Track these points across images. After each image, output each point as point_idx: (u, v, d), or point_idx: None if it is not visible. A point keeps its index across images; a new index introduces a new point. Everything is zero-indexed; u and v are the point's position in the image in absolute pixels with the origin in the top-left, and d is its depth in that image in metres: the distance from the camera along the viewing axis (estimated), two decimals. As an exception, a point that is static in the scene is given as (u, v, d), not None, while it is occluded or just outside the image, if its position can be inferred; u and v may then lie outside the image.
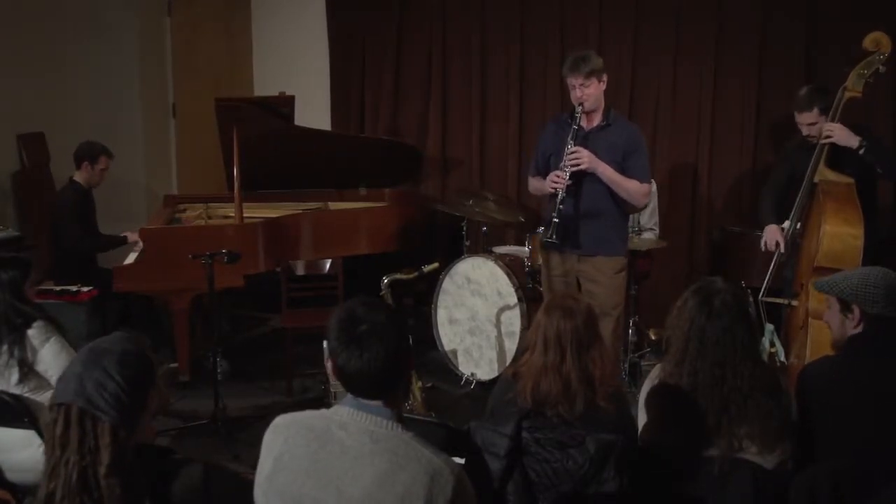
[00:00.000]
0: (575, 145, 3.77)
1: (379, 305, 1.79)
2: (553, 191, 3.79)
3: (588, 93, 3.79)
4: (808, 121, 3.91)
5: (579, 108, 3.80)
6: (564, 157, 3.77)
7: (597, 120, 3.90)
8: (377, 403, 1.75)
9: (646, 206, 4.92)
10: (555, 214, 3.75)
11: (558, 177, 3.77)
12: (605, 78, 3.85)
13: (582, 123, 3.83)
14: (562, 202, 3.76)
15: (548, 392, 2.34)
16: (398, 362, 1.75)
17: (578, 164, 3.74)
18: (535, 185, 4.13)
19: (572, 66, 3.80)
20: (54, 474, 1.66)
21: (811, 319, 3.45)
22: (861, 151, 3.64)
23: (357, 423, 1.73)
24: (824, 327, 3.29)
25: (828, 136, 3.69)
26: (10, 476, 2.93)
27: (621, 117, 4.08)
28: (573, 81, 3.80)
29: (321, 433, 1.73)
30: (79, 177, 4.95)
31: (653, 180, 5.07)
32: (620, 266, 3.98)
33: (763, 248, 3.94)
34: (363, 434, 1.71)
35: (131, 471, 1.68)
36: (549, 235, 3.78)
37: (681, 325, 2.37)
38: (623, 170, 3.84)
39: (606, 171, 3.79)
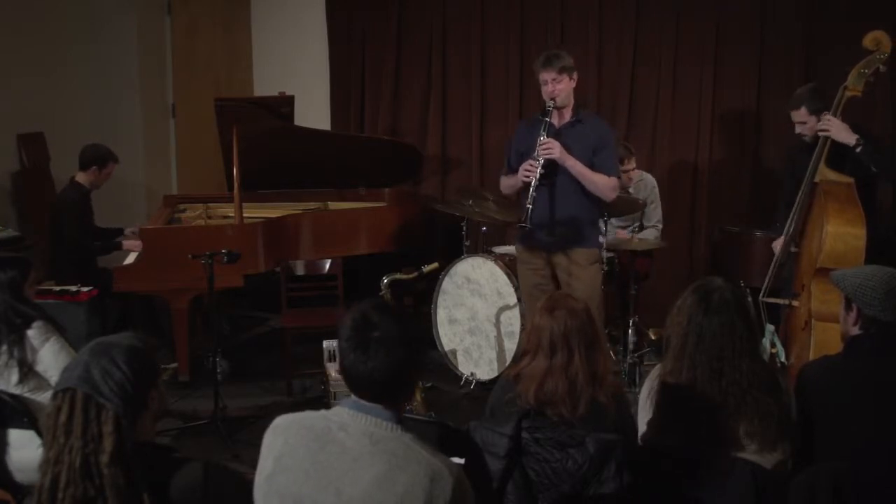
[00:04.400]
0: (547, 138, 3.90)
1: (395, 314, 1.76)
2: (526, 179, 3.92)
3: (559, 88, 3.94)
4: (797, 119, 3.98)
5: (551, 103, 3.94)
6: (537, 148, 3.90)
7: (567, 116, 4.06)
8: (377, 405, 1.74)
9: (649, 205, 4.95)
10: (528, 201, 3.88)
11: (531, 166, 3.91)
12: (575, 76, 4.02)
13: (553, 120, 3.97)
14: (535, 189, 3.88)
15: (553, 392, 2.33)
16: (403, 374, 1.74)
17: (550, 154, 3.87)
18: (507, 182, 4.24)
19: (545, 62, 3.96)
20: (58, 461, 1.68)
21: (814, 321, 3.45)
22: (858, 150, 3.65)
23: (357, 424, 1.73)
24: (827, 328, 3.30)
25: (824, 130, 3.70)
26: (9, 476, 2.93)
27: (591, 114, 4.24)
28: (546, 77, 3.95)
29: (321, 434, 1.73)
30: (82, 178, 4.91)
31: (654, 178, 5.12)
32: (595, 257, 4.14)
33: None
34: (363, 435, 1.71)
35: (133, 463, 1.68)
36: (523, 220, 3.88)
37: (680, 322, 2.38)
38: (592, 164, 3.98)
39: (576, 166, 3.94)
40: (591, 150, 3.99)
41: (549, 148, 3.88)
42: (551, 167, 3.93)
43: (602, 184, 3.99)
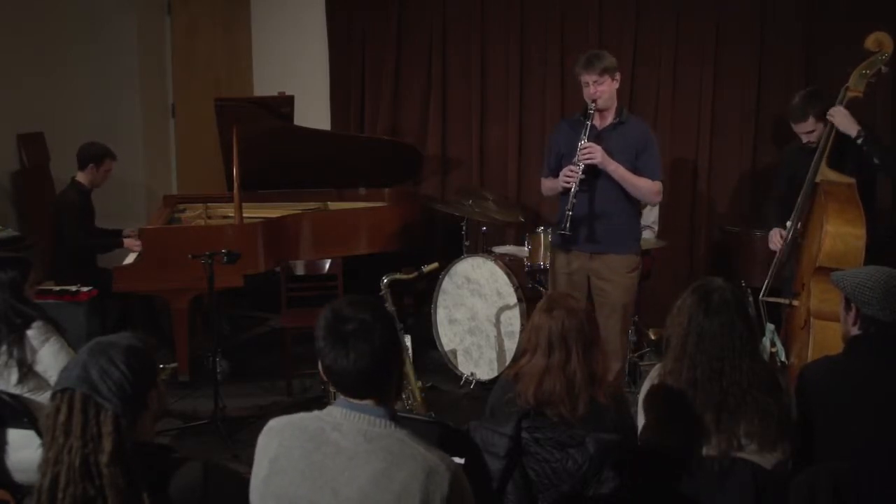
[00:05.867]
0: (588, 142, 3.78)
1: (365, 303, 1.77)
2: (567, 184, 3.80)
3: (601, 90, 3.80)
4: (805, 129, 3.90)
5: (592, 105, 3.80)
6: (577, 153, 3.77)
7: (609, 118, 3.91)
8: (369, 403, 1.74)
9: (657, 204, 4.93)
10: (568, 207, 3.77)
11: (572, 171, 3.79)
12: (618, 76, 3.88)
13: (594, 122, 3.84)
14: (575, 196, 3.77)
15: (551, 392, 2.33)
16: (386, 360, 1.74)
17: (591, 159, 3.75)
18: (548, 185, 4.09)
19: (586, 63, 3.81)
20: (58, 461, 1.67)
21: (813, 319, 3.45)
22: (859, 141, 3.64)
23: (350, 423, 1.72)
24: (826, 327, 3.30)
25: (829, 117, 3.69)
26: (9, 476, 2.93)
27: (633, 116, 4.09)
28: (587, 78, 3.81)
29: (315, 435, 1.73)
30: (82, 178, 4.91)
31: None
32: (634, 265, 3.98)
33: (774, 250, 3.94)
34: (357, 434, 1.71)
35: (132, 463, 1.68)
36: (563, 228, 3.78)
37: (680, 322, 2.38)
38: (635, 168, 3.85)
39: (618, 170, 3.80)
40: (634, 153, 3.85)
41: (591, 152, 3.74)
42: (593, 171, 3.79)
43: (646, 188, 3.86)
